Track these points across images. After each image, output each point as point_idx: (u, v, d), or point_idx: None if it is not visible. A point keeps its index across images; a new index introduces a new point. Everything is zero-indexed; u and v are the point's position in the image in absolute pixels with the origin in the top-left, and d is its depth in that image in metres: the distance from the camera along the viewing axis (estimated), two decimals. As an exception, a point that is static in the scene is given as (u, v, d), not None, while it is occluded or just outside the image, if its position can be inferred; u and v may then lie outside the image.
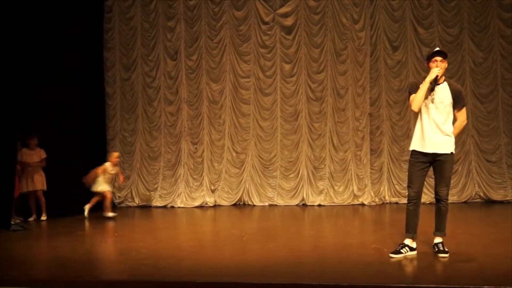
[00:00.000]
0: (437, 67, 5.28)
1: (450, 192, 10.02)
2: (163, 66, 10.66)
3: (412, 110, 5.43)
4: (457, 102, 5.33)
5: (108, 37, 10.72)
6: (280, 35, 10.43)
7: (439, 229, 5.48)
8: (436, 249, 5.38)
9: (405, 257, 5.34)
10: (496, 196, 9.81)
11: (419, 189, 5.47)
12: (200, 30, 10.56)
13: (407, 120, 10.15)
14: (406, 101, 10.14)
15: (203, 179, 10.47)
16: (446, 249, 5.34)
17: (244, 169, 10.44)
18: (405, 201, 9.86)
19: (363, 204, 10.01)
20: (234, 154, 10.50)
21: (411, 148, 5.48)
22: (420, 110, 5.36)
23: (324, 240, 6.66)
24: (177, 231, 8.04)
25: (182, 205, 10.34)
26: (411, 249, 5.45)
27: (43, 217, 8.79)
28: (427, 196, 9.88)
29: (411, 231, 5.47)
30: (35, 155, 8.83)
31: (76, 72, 9.56)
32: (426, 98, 5.29)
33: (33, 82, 8.96)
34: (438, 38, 10.11)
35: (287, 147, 10.39)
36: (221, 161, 10.50)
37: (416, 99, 5.30)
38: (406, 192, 9.91)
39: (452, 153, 5.35)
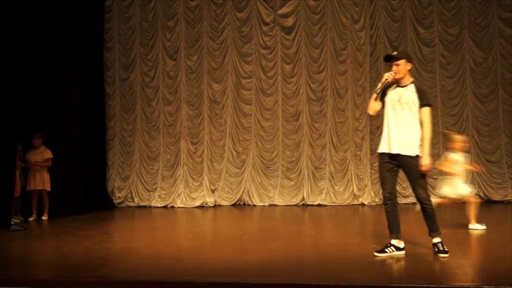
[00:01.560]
0: (390, 72, 5.37)
1: (450, 192, 10.05)
2: (162, 65, 10.66)
3: (368, 113, 5.65)
4: (420, 100, 5.28)
5: (108, 37, 10.73)
6: (281, 36, 10.43)
7: (432, 230, 5.43)
8: (436, 249, 5.37)
9: (391, 257, 5.34)
10: (496, 196, 9.80)
11: (392, 189, 5.45)
12: (201, 31, 10.57)
13: (407, 120, 10.13)
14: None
15: (202, 179, 10.46)
16: (446, 249, 5.33)
17: (244, 169, 10.44)
18: (405, 201, 9.95)
19: (363, 204, 10.01)
20: (234, 154, 10.50)
21: (378, 151, 5.52)
22: (387, 112, 5.40)
23: (324, 240, 6.65)
24: (177, 231, 8.03)
25: (182, 205, 10.34)
26: (398, 248, 5.43)
27: (44, 217, 8.79)
28: (427, 196, 9.87)
29: (394, 231, 5.46)
30: (38, 155, 8.84)
31: (76, 72, 9.57)
32: (393, 99, 5.34)
33: (33, 82, 8.97)
34: (438, 38, 10.11)
35: (288, 147, 10.39)
36: (222, 161, 10.50)
37: (369, 103, 5.52)
38: (406, 192, 10.02)
39: (417, 156, 5.25)
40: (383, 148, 5.43)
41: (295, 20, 10.38)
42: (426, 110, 5.27)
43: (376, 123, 10.24)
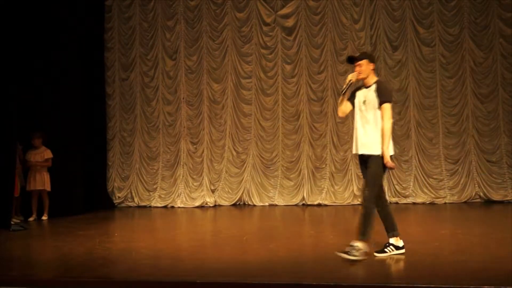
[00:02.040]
0: (354, 73, 5.48)
1: (450, 192, 10.09)
2: (162, 65, 10.67)
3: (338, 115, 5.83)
4: (379, 98, 5.31)
5: (108, 37, 10.73)
6: (281, 36, 10.43)
7: (359, 232, 5.25)
8: (346, 249, 5.19)
9: (391, 256, 5.33)
10: (496, 196, 9.79)
11: (379, 189, 5.46)
12: (201, 31, 10.57)
13: (407, 120, 10.15)
14: (406, 101, 10.16)
15: (202, 179, 10.46)
16: (356, 254, 5.09)
17: (244, 169, 10.43)
18: (405, 201, 9.96)
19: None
20: (234, 154, 10.49)
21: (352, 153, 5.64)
22: (355, 114, 5.47)
23: (324, 240, 6.65)
24: (177, 231, 8.04)
25: (182, 205, 10.35)
26: (397, 247, 5.41)
27: (44, 217, 8.79)
28: (427, 196, 9.89)
29: (390, 230, 5.47)
30: (39, 155, 8.85)
31: (76, 72, 9.57)
32: (360, 101, 5.42)
33: (33, 82, 8.98)
34: (438, 38, 10.09)
35: (288, 147, 10.39)
36: (222, 161, 10.50)
37: (338, 105, 5.69)
38: (406, 192, 10.03)
39: (378, 155, 5.23)
40: (353, 149, 5.53)
41: (296, 20, 10.38)
42: (384, 106, 5.29)
43: (376, 123, 10.22)
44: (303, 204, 10.16)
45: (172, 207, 10.36)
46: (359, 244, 5.16)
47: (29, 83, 8.85)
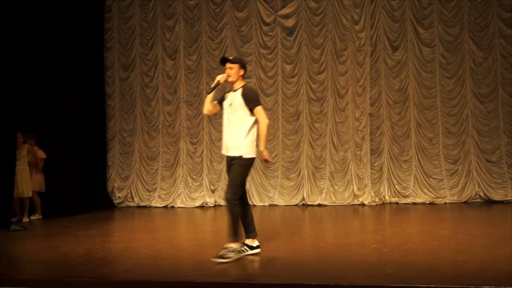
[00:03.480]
0: (223, 74, 5.53)
1: (450, 192, 10.09)
2: (162, 65, 10.67)
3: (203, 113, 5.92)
4: (247, 104, 5.38)
5: (108, 37, 10.74)
6: (282, 36, 10.43)
7: (229, 234, 5.38)
8: (220, 253, 5.28)
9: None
10: (496, 196, 9.80)
11: (242, 190, 5.53)
12: (200, 30, 10.58)
13: (407, 120, 10.15)
14: (406, 101, 10.16)
15: (202, 179, 10.46)
16: (228, 256, 5.22)
17: (244, 169, 10.41)
18: (405, 201, 9.96)
19: (363, 204, 10.00)
20: (234, 154, 10.48)
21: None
22: (223, 116, 5.55)
23: (324, 240, 6.65)
24: (177, 231, 8.03)
25: (182, 206, 10.35)
26: (251, 247, 5.54)
27: (37, 216, 8.81)
28: (427, 196, 9.89)
29: (248, 231, 5.63)
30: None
31: (76, 72, 9.56)
32: (227, 104, 5.49)
33: (33, 82, 8.97)
34: (438, 38, 10.10)
35: (288, 147, 10.39)
36: (221, 161, 10.48)
37: (204, 103, 5.72)
38: (406, 192, 10.03)
39: (241, 156, 5.36)
40: (222, 150, 5.60)
41: (296, 21, 10.39)
42: (257, 110, 5.39)
43: (376, 123, 10.24)
44: (303, 204, 10.16)
45: (172, 207, 10.36)
46: (232, 245, 5.32)
47: (29, 83, 8.85)
